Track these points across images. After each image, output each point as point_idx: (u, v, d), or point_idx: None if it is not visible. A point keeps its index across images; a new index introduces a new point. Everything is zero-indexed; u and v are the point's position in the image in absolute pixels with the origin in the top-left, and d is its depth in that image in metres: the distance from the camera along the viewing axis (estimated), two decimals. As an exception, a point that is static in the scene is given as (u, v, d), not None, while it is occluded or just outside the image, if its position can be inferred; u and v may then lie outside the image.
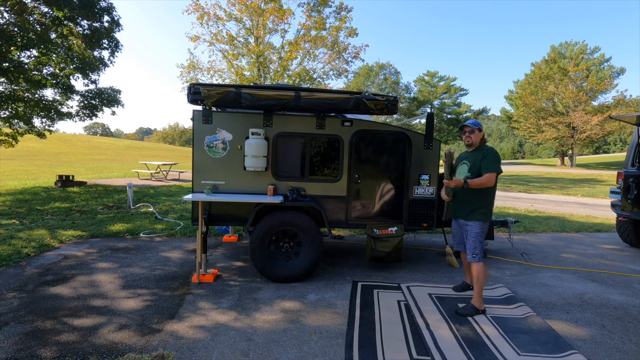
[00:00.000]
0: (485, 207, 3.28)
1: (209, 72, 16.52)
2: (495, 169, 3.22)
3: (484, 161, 3.26)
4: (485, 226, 3.28)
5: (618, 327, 3.09)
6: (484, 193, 3.27)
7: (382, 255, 4.12)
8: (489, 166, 3.22)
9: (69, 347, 2.56)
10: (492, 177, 3.21)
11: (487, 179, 3.19)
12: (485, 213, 3.27)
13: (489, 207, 3.32)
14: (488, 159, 3.25)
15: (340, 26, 16.80)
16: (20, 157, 25.83)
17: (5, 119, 10.55)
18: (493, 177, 3.21)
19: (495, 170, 3.22)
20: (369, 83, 43.23)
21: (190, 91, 3.83)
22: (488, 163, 3.23)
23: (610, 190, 6.13)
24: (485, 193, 3.28)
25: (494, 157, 3.25)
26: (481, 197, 3.27)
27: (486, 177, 3.19)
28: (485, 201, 3.29)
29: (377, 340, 2.73)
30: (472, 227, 3.28)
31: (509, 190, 15.27)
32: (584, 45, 35.32)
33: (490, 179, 3.20)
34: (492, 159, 3.24)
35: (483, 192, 3.27)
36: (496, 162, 3.24)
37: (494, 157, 3.25)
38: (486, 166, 3.23)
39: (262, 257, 3.85)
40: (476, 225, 3.26)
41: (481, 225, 3.26)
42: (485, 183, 3.21)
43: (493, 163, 3.23)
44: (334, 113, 4.22)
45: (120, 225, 6.32)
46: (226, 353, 2.55)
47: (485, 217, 3.27)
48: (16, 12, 9.03)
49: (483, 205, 3.27)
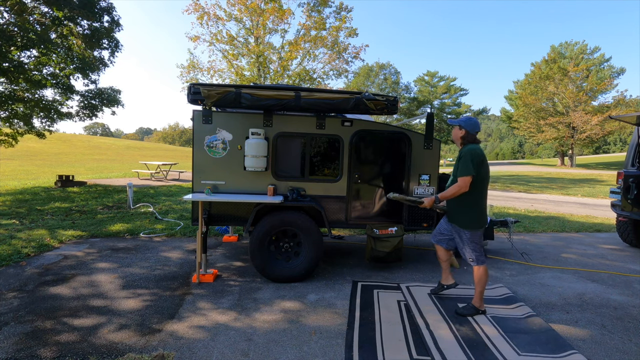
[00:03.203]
0: (474, 213, 3.08)
1: (209, 72, 16.54)
2: (467, 172, 2.97)
3: (458, 164, 3.07)
4: (478, 233, 3.11)
5: (618, 327, 3.09)
6: (468, 198, 3.06)
7: (382, 255, 4.12)
8: (461, 170, 3.01)
9: (69, 347, 2.56)
10: (465, 181, 2.97)
11: (458, 186, 3.00)
12: (475, 219, 3.07)
13: (478, 212, 3.09)
14: (461, 162, 3.03)
15: (340, 26, 16.81)
16: (20, 157, 25.82)
17: (5, 119, 10.55)
18: (466, 181, 2.97)
19: (467, 174, 2.97)
20: (369, 83, 43.23)
21: (190, 91, 3.83)
22: (460, 166, 3.02)
23: (610, 190, 6.13)
24: (470, 199, 3.06)
25: (466, 159, 3.00)
26: (465, 203, 3.08)
27: (457, 186, 3.01)
28: (472, 207, 3.08)
29: (377, 340, 2.73)
30: (464, 234, 3.11)
31: (509, 190, 15.27)
32: (584, 45, 35.32)
33: (461, 185, 2.98)
34: (464, 162, 3.00)
35: (467, 198, 3.06)
36: (467, 164, 2.98)
37: (466, 159, 3.00)
38: (459, 170, 3.03)
39: (262, 257, 3.85)
40: (467, 234, 3.10)
41: (472, 233, 3.09)
42: (457, 191, 3.00)
43: (464, 166, 2.99)
44: (334, 113, 4.22)
45: (120, 225, 6.32)
46: (226, 353, 2.55)
47: (474, 224, 3.07)
48: (16, 12, 9.02)
49: (471, 211, 3.08)
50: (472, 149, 3.05)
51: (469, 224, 3.09)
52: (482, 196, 3.13)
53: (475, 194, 3.07)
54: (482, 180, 3.08)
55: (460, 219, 3.14)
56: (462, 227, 3.12)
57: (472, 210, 3.09)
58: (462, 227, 3.12)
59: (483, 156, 3.06)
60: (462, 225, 3.12)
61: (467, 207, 3.10)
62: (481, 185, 3.08)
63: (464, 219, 3.11)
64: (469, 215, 3.10)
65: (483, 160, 3.05)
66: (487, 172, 3.12)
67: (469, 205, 3.09)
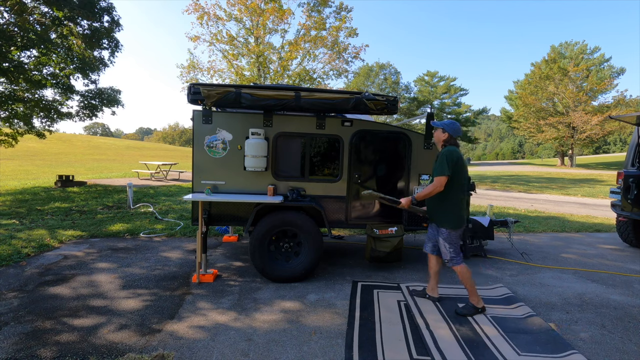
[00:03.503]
0: (451, 212, 3.14)
1: (209, 72, 16.52)
2: (442, 172, 3.06)
3: (435, 164, 3.18)
4: (455, 233, 3.16)
5: (618, 327, 3.09)
6: (446, 198, 3.15)
7: (382, 255, 4.12)
8: (436, 170, 3.12)
9: (69, 347, 2.56)
10: (440, 181, 3.07)
11: (433, 186, 3.10)
12: (452, 219, 3.14)
13: (456, 212, 3.15)
14: (437, 162, 3.14)
15: (340, 26, 16.79)
16: (20, 157, 25.82)
17: (5, 119, 10.54)
18: (441, 181, 3.07)
19: (442, 174, 3.06)
20: (369, 83, 43.24)
21: (190, 91, 3.83)
22: (436, 166, 3.13)
23: (610, 190, 6.13)
24: (448, 198, 3.14)
25: (442, 159, 3.09)
26: (444, 203, 3.16)
27: (432, 185, 3.12)
28: (450, 207, 3.15)
29: (377, 340, 2.73)
30: (442, 233, 3.20)
31: (509, 190, 15.27)
32: (584, 45, 35.31)
33: (436, 185, 3.08)
34: (439, 162, 3.10)
35: (445, 198, 3.15)
36: (443, 165, 3.06)
37: (442, 159, 3.09)
38: (435, 170, 3.14)
39: (262, 257, 3.85)
40: (444, 232, 3.18)
41: (449, 232, 3.16)
42: (433, 191, 3.11)
43: (440, 166, 3.09)
44: (334, 113, 4.22)
45: (120, 225, 6.32)
46: (226, 353, 2.55)
47: (451, 223, 3.14)
48: (16, 12, 9.02)
49: (449, 211, 3.15)
50: (449, 150, 3.14)
51: (446, 222, 3.17)
52: (460, 197, 3.20)
53: (452, 194, 3.16)
54: (460, 181, 3.17)
55: (438, 217, 3.24)
56: (439, 225, 3.22)
57: (450, 209, 3.17)
58: (440, 225, 3.21)
59: (460, 158, 3.14)
60: (439, 223, 3.22)
61: (445, 206, 3.19)
62: (458, 185, 3.17)
63: (442, 218, 3.20)
64: (447, 215, 3.18)
65: (459, 161, 3.12)
66: (465, 173, 3.20)
67: (447, 205, 3.18)
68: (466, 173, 3.23)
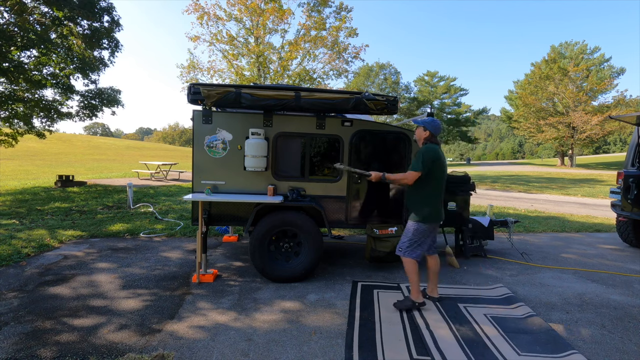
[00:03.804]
0: (423, 208, 3.21)
1: (209, 72, 16.53)
2: (415, 167, 3.16)
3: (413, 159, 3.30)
4: (420, 228, 3.22)
5: (618, 327, 3.09)
6: (421, 194, 3.24)
7: (382, 255, 4.12)
8: (412, 164, 3.23)
9: (69, 347, 2.56)
10: (412, 175, 3.16)
11: (404, 176, 3.22)
12: (422, 214, 3.20)
13: (428, 209, 3.20)
14: (415, 157, 3.24)
15: (340, 26, 16.80)
16: (20, 157, 25.82)
17: (5, 119, 10.55)
18: (412, 175, 3.16)
19: (415, 169, 3.16)
20: (369, 83, 43.26)
21: (190, 91, 3.83)
22: (413, 161, 3.25)
23: (610, 190, 6.13)
24: (422, 194, 3.23)
25: (419, 156, 3.17)
26: (419, 198, 3.25)
27: (403, 175, 3.24)
28: (424, 203, 3.22)
29: (377, 340, 2.73)
30: (409, 224, 3.29)
31: (509, 190, 15.28)
32: (584, 45, 35.33)
33: (407, 176, 3.19)
34: (416, 158, 3.20)
35: (420, 194, 3.24)
36: (418, 161, 3.14)
37: (419, 156, 3.17)
38: (410, 165, 3.27)
39: (262, 257, 3.85)
40: (410, 223, 3.28)
41: (415, 224, 3.23)
42: (401, 179, 3.25)
43: (416, 161, 3.18)
44: (334, 113, 4.22)
45: (120, 225, 6.32)
46: (226, 353, 2.55)
47: (419, 216, 3.21)
48: (16, 12, 9.02)
49: (421, 207, 3.22)
50: (428, 148, 3.20)
51: (415, 215, 3.25)
52: (435, 194, 3.25)
53: (427, 191, 3.23)
54: (437, 178, 3.22)
55: (412, 210, 3.31)
56: (410, 218, 3.31)
57: (423, 206, 3.23)
58: (410, 218, 3.30)
59: (438, 156, 3.18)
60: (410, 216, 3.31)
61: (419, 202, 3.26)
62: (435, 183, 3.22)
63: (414, 209, 3.28)
64: (418, 207, 3.25)
65: (436, 159, 3.17)
66: (442, 172, 3.24)
67: (421, 201, 3.25)
68: (445, 172, 3.28)
